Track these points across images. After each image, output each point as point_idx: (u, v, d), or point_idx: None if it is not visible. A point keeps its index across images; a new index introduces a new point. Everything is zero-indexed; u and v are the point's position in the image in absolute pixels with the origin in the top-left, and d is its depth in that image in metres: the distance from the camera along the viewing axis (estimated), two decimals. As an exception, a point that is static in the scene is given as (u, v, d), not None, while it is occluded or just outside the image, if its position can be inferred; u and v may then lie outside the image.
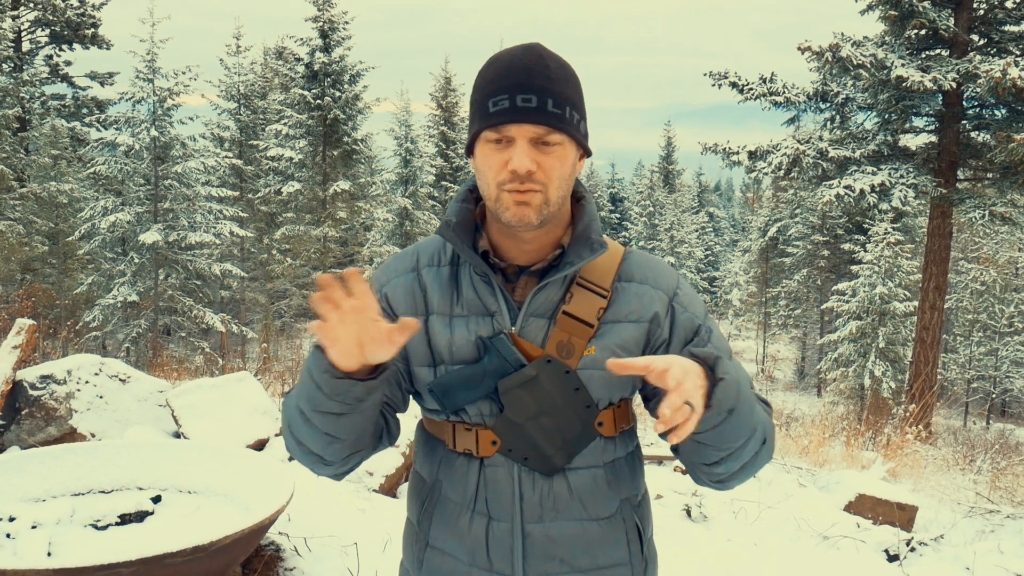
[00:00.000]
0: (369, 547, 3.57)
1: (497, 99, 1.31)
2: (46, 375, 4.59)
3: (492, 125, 1.31)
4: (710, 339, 1.45)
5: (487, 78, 1.35)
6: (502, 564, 1.41)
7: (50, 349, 10.51)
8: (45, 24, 25.35)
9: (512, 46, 1.39)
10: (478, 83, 1.37)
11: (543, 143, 1.32)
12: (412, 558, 1.51)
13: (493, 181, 1.34)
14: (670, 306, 1.44)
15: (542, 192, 1.33)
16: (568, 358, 1.38)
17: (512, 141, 1.32)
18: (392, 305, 1.44)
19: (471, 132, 1.37)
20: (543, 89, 1.31)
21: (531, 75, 1.32)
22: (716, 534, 4.61)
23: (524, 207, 1.33)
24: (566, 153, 1.35)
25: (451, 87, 30.33)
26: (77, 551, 2.91)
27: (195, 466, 3.42)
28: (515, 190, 1.32)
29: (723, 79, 14.72)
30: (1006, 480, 7.21)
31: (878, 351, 20.47)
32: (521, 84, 1.31)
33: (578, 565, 1.41)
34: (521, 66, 1.33)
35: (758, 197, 43.66)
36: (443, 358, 1.41)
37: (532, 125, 1.31)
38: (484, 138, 1.34)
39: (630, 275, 1.45)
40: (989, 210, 13.13)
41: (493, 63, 1.37)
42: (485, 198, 1.38)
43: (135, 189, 19.13)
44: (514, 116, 1.30)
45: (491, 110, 1.32)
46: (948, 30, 13.33)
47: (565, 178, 1.36)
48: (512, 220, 1.34)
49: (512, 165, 1.31)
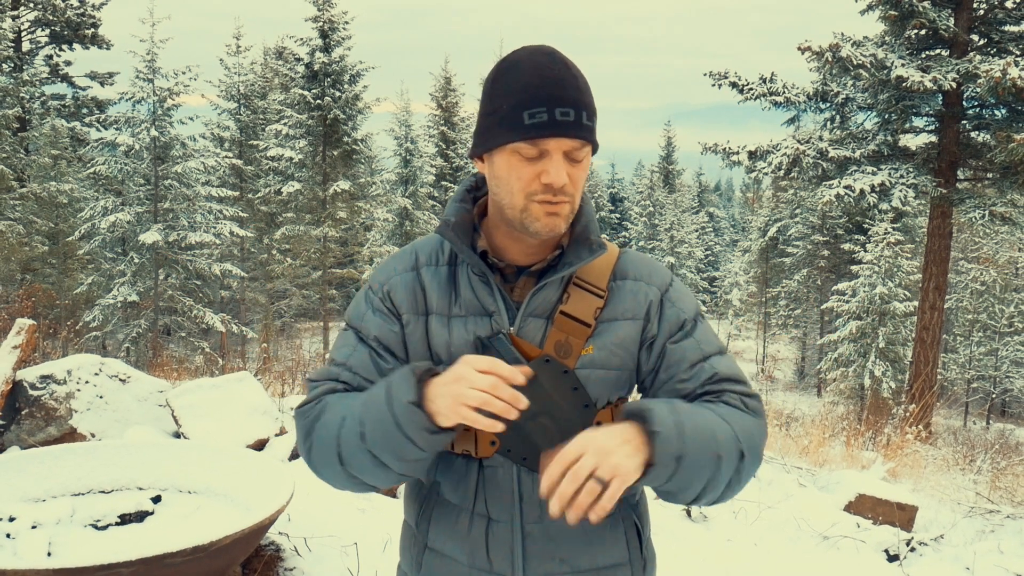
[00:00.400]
0: (369, 547, 3.57)
1: (534, 111, 1.29)
2: (46, 375, 4.59)
3: (529, 138, 1.30)
4: (693, 332, 1.44)
5: (517, 86, 1.32)
6: (502, 565, 1.40)
7: (50, 349, 10.51)
8: (45, 24, 25.35)
9: (528, 49, 1.36)
10: (502, 89, 1.34)
11: (574, 156, 1.33)
12: (411, 561, 1.51)
13: (521, 192, 1.33)
14: (661, 301, 1.45)
15: (570, 202, 1.35)
16: (566, 358, 1.38)
17: (546, 154, 1.31)
18: (395, 303, 1.44)
19: (495, 140, 1.34)
20: (577, 102, 1.31)
21: (565, 87, 1.31)
22: (716, 534, 4.61)
23: (554, 217, 1.34)
24: (589, 162, 1.38)
25: (451, 87, 30.33)
26: (77, 551, 2.90)
27: (195, 466, 3.42)
28: (547, 201, 1.32)
29: (723, 79, 14.72)
30: (1006, 480, 7.22)
31: (878, 351, 20.47)
32: (558, 97, 1.30)
33: (578, 565, 1.41)
34: (555, 77, 1.31)
35: (758, 197, 43.67)
36: (441, 358, 1.40)
37: (570, 139, 1.31)
38: (513, 148, 1.32)
39: (624, 273, 1.46)
40: (989, 210, 13.13)
41: (519, 69, 1.33)
42: (506, 206, 1.36)
43: (135, 189, 19.13)
44: (554, 130, 1.29)
45: (527, 122, 1.29)
46: (948, 30, 13.34)
47: (584, 187, 1.39)
48: (542, 230, 1.34)
49: (549, 179, 1.30)
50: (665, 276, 1.48)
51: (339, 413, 1.33)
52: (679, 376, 1.41)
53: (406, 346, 1.42)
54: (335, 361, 1.44)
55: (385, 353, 1.42)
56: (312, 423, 1.36)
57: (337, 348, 1.46)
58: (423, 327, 1.42)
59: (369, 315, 1.44)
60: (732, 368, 1.43)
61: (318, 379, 1.43)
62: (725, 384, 1.40)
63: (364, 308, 1.45)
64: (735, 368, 1.44)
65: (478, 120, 1.40)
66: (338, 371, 1.42)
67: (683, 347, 1.42)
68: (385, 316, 1.43)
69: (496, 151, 1.34)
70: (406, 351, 1.43)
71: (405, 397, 1.23)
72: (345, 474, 1.33)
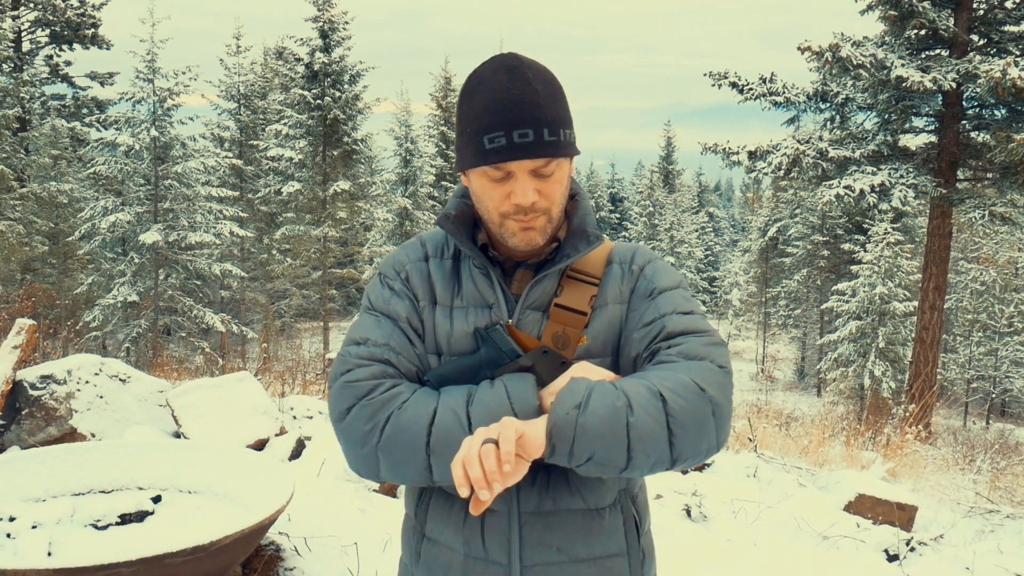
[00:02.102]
0: (369, 547, 3.57)
1: (492, 136, 1.31)
2: (46, 375, 4.59)
3: (491, 163, 1.32)
4: (657, 297, 1.42)
5: (477, 111, 1.34)
6: (498, 554, 1.41)
7: (50, 349, 10.51)
8: (45, 24, 25.34)
9: (492, 65, 1.36)
10: (466, 112, 1.36)
11: (541, 172, 1.35)
12: (410, 551, 1.53)
13: (495, 211, 1.37)
14: (637, 279, 1.47)
15: (545, 215, 1.37)
16: (564, 349, 1.41)
17: (512, 175, 1.34)
18: (411, 287, 1.47)
19: (463, 161, 1.37)
20: (536, 120, 1.31)
21: (523, 107, 1.31)
22: (716, 534, 4.61)
23: (530, 232, 1.37)
24: (563, 173, 1.38)
25: (451, 87, 30.35)
26: (77, 551, 2.90)
27: (195, 466, 3.41)
28: (519, 219, 1.36)
29: (723, 79, 14.72)
30: (1006, 480, 7.22)
31: (878, 351, 20.48)
32: (515, 120, 1.31)
33: (575, 555, 1.41)
34: (511, 99, 1.31)
35: (758, 197, 43.68)
36: (442, 348, 1.43)
37: (531, 160, 1.32)
38: (481, 172, 1.36)
39: (611, 259, 1.49)
40: (989, 210, 13.13)
41: (479, 91, 1.35)
42: (486, 221, 1.41)
43: (135, 189, 19.13)
44: (513, 153, 1.31)
45: (487, 147, 1.32)
46: (948, 30, 13.33)
47: (563, 194, 1.40)
48: (519, 244, 1.38)
49: (515, 199, 1.33)
50: (647, 255, 1.51)
51: (429, 404, 1.31)
52: (631, 338, 1.40)
53: (421, 334, 1.45)
54: (375, 341, 1.40)
55: (415, 336, 1.43)
56: (382, 407, 1.32)
57: (368, 328, 1.42)
58: (431, 316, 1.45)
59: (395, 299, 1.45)
60: (688, 324, 1.37)
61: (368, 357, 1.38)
62: (673, 340, 1.35)
63: (388, 294, 1.46)
64: (694, 323, 1.38)
65: (455, 137, 1.43)
66: (384, 351, 1.38)
67: (641, 309, 1.42)
68: (408, 299, 1.45)
69: (472, 174, 1.39)
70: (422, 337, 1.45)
71: (535, 400, 1.29)
72: (418, 467, 1.30)
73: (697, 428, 1.26)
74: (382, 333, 1.41)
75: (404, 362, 1.39)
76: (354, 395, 1.35)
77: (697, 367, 1.31)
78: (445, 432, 1.28)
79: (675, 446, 1.25)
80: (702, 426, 1.26)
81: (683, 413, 1.24)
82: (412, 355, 1.41)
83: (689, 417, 1.25)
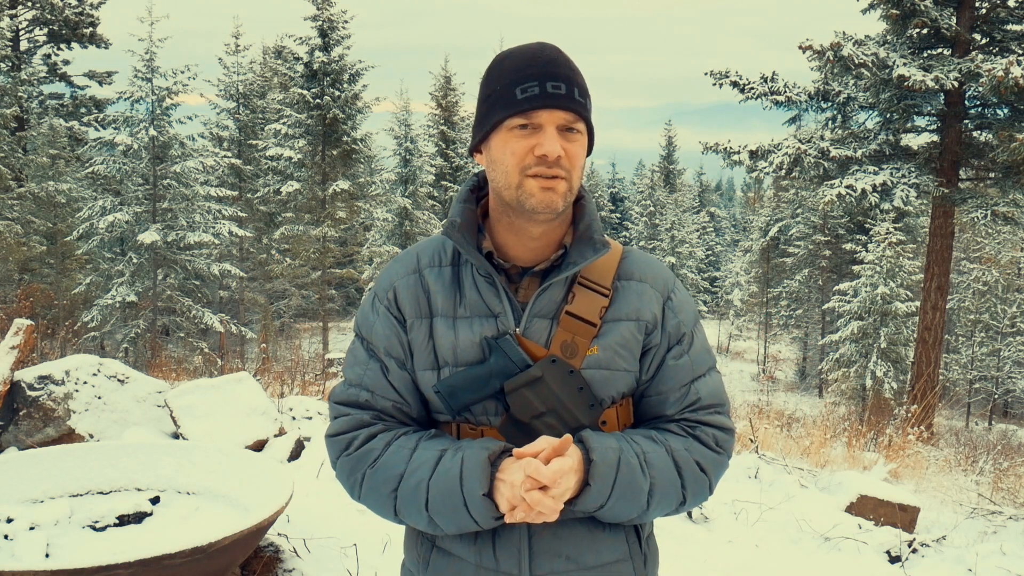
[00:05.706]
0: (368, 548, 3.55)
1: (526, 86, 1.34)
2: (44, 376, 4.57)
3: (522, 111, 1.33)
4: (690, 349, 1.48)
5: (510, 68, 1.37)
6: (509, 564, 1.42)
7: (48, 349, 10.48)
8: (43, 23, 25.34)
9: (522, 44, 1.41)
10: (496, 74, 1.39)
11: (568, 130, 1.36)
12: (418, 559, 1.51)
13: (516, 167, 1.35)
14: (663, 309, 1.47)
15: (567, 179, 1.36)
16: (572, 358, 1.40)
17: (539, 128, 1.34)
18: (400, 307, 1.46)
19: (490, 122, 1.38)
20: (569, 79, 1.36)
21: (557, 65, 1.36)
22: (717, 535, 4.59)
23: (550, 192, 1.35)
24: (584, 143, 1.40)
25: (451, 87, 30.31)
26: (75, 552, 2.89)
27: (194, 467, 3.40)
28: (541, 175, 1.34)
29: (724, 79, 14.70)
30: (1008, 481, 7.20)
31: (880, 351, 20.46)
32: (550, 72, 1.35)
33: (584, 563, 1.43)
34: (546, 56, 1.37)
35: (759, 197, 43.69)
36: (447, 360, 1.42)
37: (562, 111, 1.34)
38: (508, 126, 1.35)
39: (630, 274, 1.47)
40: (991, 210, 13.11)
41: (512, 56, 1.39)
42: (502, 188, 1.38)
43: (133, 189, 19.10)
44: (545, 102, 1.33)
45: (519, 96, 1.34)
46: (950, 29, 13.31)
47: (582, 169, 1.40)
48: (538, 206, 1.35)
49: (543, 150, 1.33)
50: (668, 279, 1.51)
51: (396, 467, 1.38)
52: (666, 395, 1.47)
53: (412, 351, 1.45)
54: (351, 382, 1.48)
55: (395, 366, 1.45)
56: (358, 464, 1.42)
57: (349, 364, 1.50)
58: (427, 329, 1.44)
59: (378, 326, 1.46)
60: (714, 393, 1.49)
61: (343, 403, 1.47)
62: (703, 414, 1.47)
63: (372, 318, 1.48)
64: (717, 391, 1.50)
65: (475, 115, 1.43)
66: (357, 393, 1.46)
67: (678, 366, 1.47)
68: (392, 324, 1.45)
69: (492, 134, 1.38)
70: (410, 357, 1.45)
71: (479, 489, 1.31)
72: (395, 519, 1.43)
73: (698, 500, 1.49)
74: (357, 372, 1.47)
75: (379, 399, 1.45)
76: (336, 449, 1.46)
77: (714, 460, 1.47)
78: (406, 503, 1.38)
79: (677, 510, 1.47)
80: (702, 499, 1.49)
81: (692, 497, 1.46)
82: (386, 388, 1.45)
83: (694, 498, 1.47)
